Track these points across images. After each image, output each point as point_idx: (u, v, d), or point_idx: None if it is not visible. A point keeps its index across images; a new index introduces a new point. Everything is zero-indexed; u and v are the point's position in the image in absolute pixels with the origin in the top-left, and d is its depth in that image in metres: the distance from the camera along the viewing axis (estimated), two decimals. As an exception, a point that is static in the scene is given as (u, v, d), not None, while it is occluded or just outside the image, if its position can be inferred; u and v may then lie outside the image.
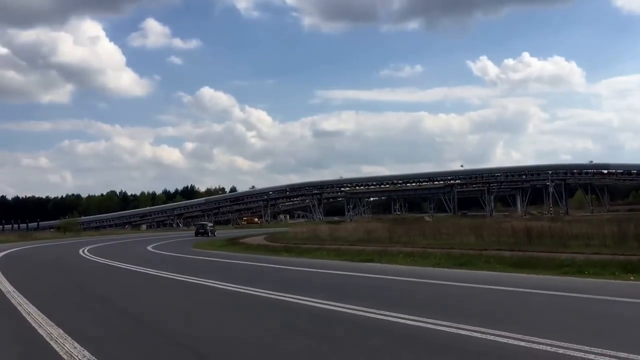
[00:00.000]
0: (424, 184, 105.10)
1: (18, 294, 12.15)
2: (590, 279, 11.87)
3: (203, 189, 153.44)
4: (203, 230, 55.93)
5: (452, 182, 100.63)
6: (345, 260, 19.18)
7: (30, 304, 10.47)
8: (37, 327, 8.22)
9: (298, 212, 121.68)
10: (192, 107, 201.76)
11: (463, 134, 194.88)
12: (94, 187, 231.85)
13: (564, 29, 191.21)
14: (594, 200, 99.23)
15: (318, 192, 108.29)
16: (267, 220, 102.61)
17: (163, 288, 13.61)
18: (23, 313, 9.62)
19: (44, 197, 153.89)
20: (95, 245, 36.82)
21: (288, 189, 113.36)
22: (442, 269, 15.15)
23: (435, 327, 7.21)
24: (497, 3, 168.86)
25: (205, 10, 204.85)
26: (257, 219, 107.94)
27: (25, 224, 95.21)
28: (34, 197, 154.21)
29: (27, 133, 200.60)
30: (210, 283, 13.47)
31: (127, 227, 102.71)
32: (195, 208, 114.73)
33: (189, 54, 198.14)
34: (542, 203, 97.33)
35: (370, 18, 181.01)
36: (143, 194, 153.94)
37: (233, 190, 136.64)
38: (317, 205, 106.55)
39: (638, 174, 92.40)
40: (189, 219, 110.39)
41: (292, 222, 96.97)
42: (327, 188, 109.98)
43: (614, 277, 11.98)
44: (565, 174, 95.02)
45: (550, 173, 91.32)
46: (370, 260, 18.33)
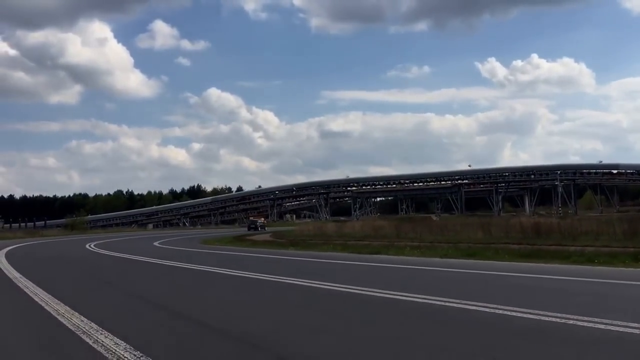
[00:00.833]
0: (431, 184, 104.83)
1: (25, 279, 12.22)
2: (601, 267, 11.76)
3: (209, 189, 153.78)
4: (254, 226, 63.23)
5: (459, 182, 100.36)
6: (352, 253, 19.10)
7: (37, 287, 10.53)
8: (44, 305, 8.26)
9: (304, 211, 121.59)
10: (199, 108, 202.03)
11: (471, 136, 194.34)
12: (101, 186, 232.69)
13: (573, 30, 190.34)
14: (603, 201, 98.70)
15: (324, 191, 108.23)
16: (273, 220, 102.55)
17: (171, 274, 13.61)
18: (30, 294, 9.66)
19: (52, 196, 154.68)
20: (101, 241, 36.90)
21: (294, 189, 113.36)
22: (449, 260, 15.02)
23: (444, 303, 7.20)
24: (505, 4, 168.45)
25: (213, 12, 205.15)
26: (263, 219, 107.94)
27: (33, 223, 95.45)
28: (42, 196, 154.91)
29: (35, 133, 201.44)
30: (215, 270, 13.48)
31: (133, 226, 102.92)
32: (202, 207, 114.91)
33: (197, 55, 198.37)
34: (550, 203, 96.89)
35: (378, 19, 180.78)
36: (150, 194, 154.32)
37: (239, 190, 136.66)
38: (323, 205, 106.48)
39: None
40: (195, 219, 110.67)
41: (298, 221, 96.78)
42: (333, 188, 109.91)
43: (625, 265, 11.88)
44: (574, 174, 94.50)
45: (559, 173, 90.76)
46: (377, 253, 18.25)
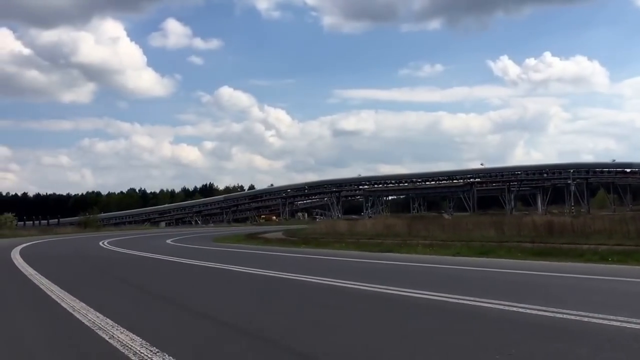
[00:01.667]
0: (443, 183, 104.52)
1: (40, 276, 12.31)
2: (615, 265, 11.69)
3: (222, 187, 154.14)
4: None
5: (471, 180, 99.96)
6: (364, 251, 19.10)
7: (52, 283, 10.61)
8: (59, 301, 8.33)
9: (316, 210, 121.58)
10: (211, 106, 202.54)
11: (483, 134, 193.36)
12: (114, 185, 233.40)
13: (587, 28, 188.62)
14: (616, 200, 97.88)
15: (336, 190, 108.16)
16: (285, 218, 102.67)
17: (185, 271, 13.70)
18: (46, 291, 9.74)
19: (65, 194, 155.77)
20: (115, 239, 37.12)
21: (306, 187, 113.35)
22: (461, 258, 14.99)
23: (456, 300, 7.20)
24: (518, 2, 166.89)
25: (226, 11, 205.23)
26: (275, 217, 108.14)
27: (46, 220, 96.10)
28: (55, 194, 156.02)
29: (48, 132, 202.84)
30: (227, 267, 13.53)
31: (146, 223, 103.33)
32: (214, 205, 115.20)
33: (209, 54, 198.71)
34: (563, 202, 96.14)
35: (391, 17, 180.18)
36: (162, 192, 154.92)
37: (252, 189, 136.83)
38: (335, 204, 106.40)
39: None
40: (208, 217, 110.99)
41: (310, 219, 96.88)
42: (345, 186, 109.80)
43: (638, 263, 11.79)
44: (587, 173, 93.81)
45: (572, 172, 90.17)
46: (389, 251, 18.25)
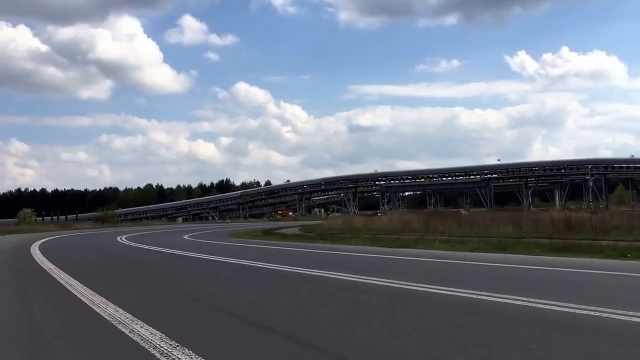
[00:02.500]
0: (460, 179, 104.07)
1: (59, 271, 12.45)
2: (634, 262, 11.58)
3: (238, 183, 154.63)
4: None
5: (489, 176, 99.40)
6: (381, 247, 19.06)
7: (71, 278, 10.73)
8: (79, 295, 8.42)
9: (333, 206, 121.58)
10: (227, 102, 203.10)
11: (500, 130, 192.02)
12: (132, 181, 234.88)
13: (605, 23, 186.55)
14: (635, 196, 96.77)
15: (353, 186, 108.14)
16: (301, 214, 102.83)
17: (202, 267, 13.77)
18: (65, 285, 9.85)
19: (83, 190, 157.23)
20: (132, 235, 37.40)
21: (323, 183, 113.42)
22: (479, 254, 14.92)
23: (474, 296, 7.17)
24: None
25: (242, 7, 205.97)
26: (291, 213, 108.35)
27: (65, 216, 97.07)
28: (73, 190, 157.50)
29: (66, 128, 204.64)
30: (245, 262, 13.59)
31: (163, 219, 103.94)
32: (231, 201, 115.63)
33: (226, 50, 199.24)
34: (581, 198, 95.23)
35: (408, 13, 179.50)
36: (179, 188, 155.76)
37: (268, 185, 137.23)
38: (351, 199, 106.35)
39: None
40: (225, 212, 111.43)
41: (326, 215, 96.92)
42: (362, 182, 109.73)
43: (659, 259, 11.68)
44: (606, 169, 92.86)
45: (590, 168, 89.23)
46: (407, 247, 18.21)
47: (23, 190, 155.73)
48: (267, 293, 8.71)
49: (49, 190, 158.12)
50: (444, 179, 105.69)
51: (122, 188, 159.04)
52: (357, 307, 7.04)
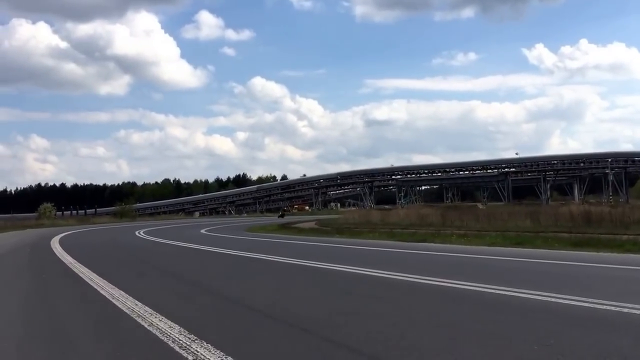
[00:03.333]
0: (477, 172, 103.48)
1: (79, 264, 12.58)
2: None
3: (255, 178, 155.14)
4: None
5: (506, 170, 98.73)
6: (398, 241, 19.00)
7: (91, 271, 10.85)
8: (99, 289, 8.51)
9: (349, 200, 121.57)
10: (244, 97, 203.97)
11: (518, 123, 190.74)
12: (149, 175, 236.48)
13: (624, 14, 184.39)
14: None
15: (369, 180, 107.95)
16: (317, 208, 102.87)
17: (220, 260, 13.83)
18: (85, 279, 9.95)
19: (101, 184, 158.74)
20: (150, 229, 37.66)
21: (339, 177, 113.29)
22: (497, 248, 14.83)
23: (492, 290, 7.14)
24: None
25: (258, 2, 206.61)
26: (307, 207, 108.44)
27: (84, 210, 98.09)
28: (92, 184, 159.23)
29: (85, 124, 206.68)
30: (261, 256, 13.63)
31: (180, 213, 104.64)
32: (247, 195, 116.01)
33: (242, 45, 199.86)
34: (601, 192, 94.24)
35: (424, 6, 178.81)
36: (196, 182, 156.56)
37: (284, 179, 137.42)
38: (368, 193, 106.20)
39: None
40: (241, 207, 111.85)
41: (343, 209, 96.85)
42: (378, 176, 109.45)
43: (681, 254, 11.53)
44: (626, 162, 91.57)
45: (610, 161, 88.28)
46: (423, 241, 18.13)
47: (43, 185, 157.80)
48: (283, 286, 8.73)
49: (68, 185, 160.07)
50: (461, 173, 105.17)
51: (139, 182, 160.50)
52: (374, 300, 7.03)
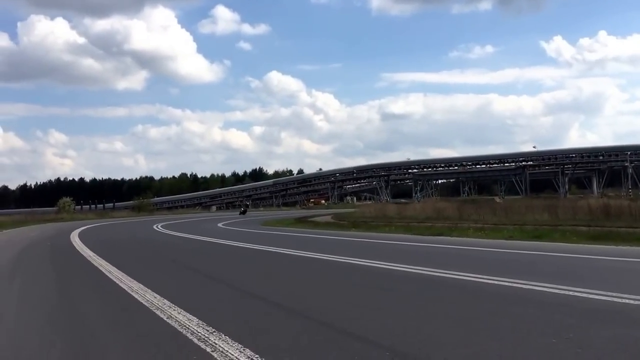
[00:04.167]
0: (494, 166, 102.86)
1: (98, 258, 12.71)
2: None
3: (271, 172, 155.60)
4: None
5: (523, 163, 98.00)
6: (414, 235, 18.96)
7: (110, 265, 10.95)
8: (118, 282, 8.60)
9: (365, 193, 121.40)
10: (260, 91, 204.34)
11: (535, 116, 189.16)
12: (166, 169, 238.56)
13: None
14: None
15: (385, 173, 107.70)
16: (333, 202, 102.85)
17: (236, 254, 13.90)
18: (105, 272, 10.05)
19: (119, 179, 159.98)
20: (168, 223, 37.93)
21: (355, 171, 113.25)
22: (514, 241, 14.73)
23: (510, 284, 7.11)
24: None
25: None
26: (323, 201, 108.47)
27: (102, 204, 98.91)
28: (110, 179, 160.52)
29: (103, 119, 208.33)
30: (277, 250, 13.68)
31: (197, 207, 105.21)
32: (264, 190, 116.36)
33: (258, 39, 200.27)
34: (620, 185, 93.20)
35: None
36: (213, 176, 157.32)
37: (300, 173, 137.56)
38: (384, 187, 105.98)
39: None
40: (258, 201, 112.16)
41: (359, 203, 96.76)
42: (394, 170, 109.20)
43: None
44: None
45: (629, 154, 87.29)
46: (440, 234, 18.09)
47: (62, 180, 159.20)
48: (301, 280, 8.77)
49: (87, 180, 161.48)
50: (478, 166, 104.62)
51: (157, 177, 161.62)
52: (391, 294, 7.04)
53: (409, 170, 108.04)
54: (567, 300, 6.06)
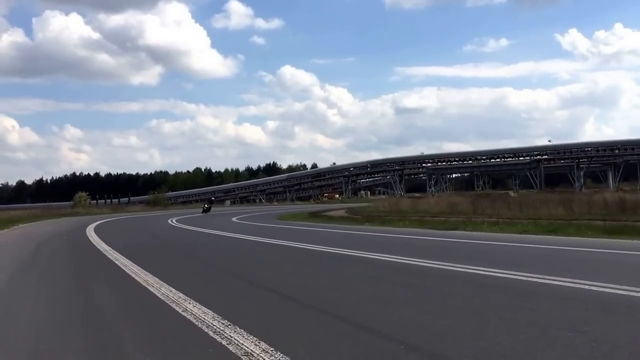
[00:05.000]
0: (509, 160, 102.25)
1: (114, 251, 12.80)
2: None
3: (285, 166, 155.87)
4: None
5: (538, 157, 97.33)
6: (428, 229, 18.92)
7: (126, 259, 11.03)
8: (134, 275, 8.68)
9: (379, 188, 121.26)
10: (273, 86, 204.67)
11: (550, 110, 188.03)
12: (181, 164, 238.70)
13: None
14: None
15: (399, 168, 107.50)
16: (347, 196, 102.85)
17: (251, 248, 13.95)
18: (120, 266, 10.14)
19: (134, 173, 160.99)
20: (182, 217, 38.12)
21: (369, 165, 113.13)
22: (529, 235, 14.66)
23: (525, 278, 7.10)
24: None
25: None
26: (337, 195, 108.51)
27: (117, 199, 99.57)
28: (125, 174, 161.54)
29: (118, 113, 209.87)
30: (291, 244, 13.72)
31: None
32: (278, 184, 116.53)
33: (271, 34, 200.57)
34: (636, 179, 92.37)
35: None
36: (227, 171, 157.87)
37: (314, 167, 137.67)
38: (398, 181, 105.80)
39: None
40: (271, 195, 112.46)
41: (372, 198, 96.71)
42: (408, 164, 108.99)
43: None
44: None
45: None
46: (454, 229, 18.04)
47: (77, 175, 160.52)
48: (315, 274, 8.79)
49: (102, 174, 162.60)
50: (492, 161, 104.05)
51: (171, 171, 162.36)
52: (405, 288, 7.05)
53: (423, 165, 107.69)
54: (582, 294, 6.04)
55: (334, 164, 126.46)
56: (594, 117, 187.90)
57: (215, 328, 5.00)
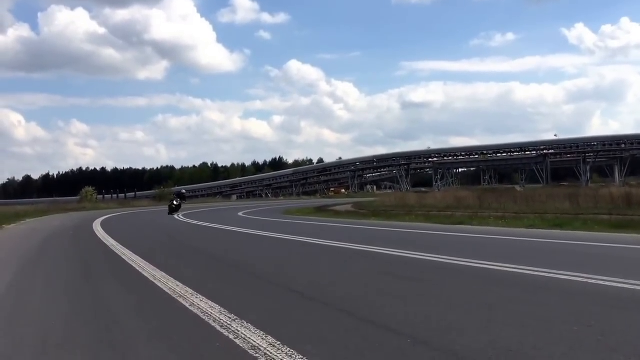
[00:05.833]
0: (515, 154, 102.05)
1: (121, 246, 12.85)
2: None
3: (291, 161, 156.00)
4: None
5: (545, 152, 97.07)
6: (435, 224, 18.91)
7: (133, 254, 11.07)
8: (141, 270, 8.71)
9: (385, 182, 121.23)
10: (280, 81, 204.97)
11: (557, 104, 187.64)
12: (187, 159, 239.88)
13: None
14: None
15: (405, 162, 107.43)
16: (354, 191, 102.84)
17: (257, 242, 13.96)
18: (128, 261, 10.18)
19: (140, 168, 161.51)
20: (189, 212, 38.16)
21: (375, 160, 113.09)
22: (535, 230, 14.66)
23: (531, 272, 7.10)
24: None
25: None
26: (344, 190, 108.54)
27: (124, 194, 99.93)
28: (131, 168, 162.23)
29: (124, 108, 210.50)
30: (298, 238, 13.74)
31: (218, 197, 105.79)
32: (284, 179, 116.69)
33: (277, 28, 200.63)
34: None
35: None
36: (233, 166, 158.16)
37: (320, 162, 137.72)
38: (404, 176, 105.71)
39: None
40: (278, 190, 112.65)
41: (379, 192, 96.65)
42: (414, 159, 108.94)
43: None
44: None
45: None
46: (460, 223, 18.02)
47: (84, 169, 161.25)
48: (322, 268, 8.81)
49: (109, 169, 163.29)
50: (498, 155, 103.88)
51: (177, 166, 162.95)
52: (412, 282, 7.06)
53: (429, 159, 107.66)
54: (588, 289, 6.04)
55: (340, 159, 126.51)
56: (601, 111, 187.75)
57: (222, 322, 5.02)
